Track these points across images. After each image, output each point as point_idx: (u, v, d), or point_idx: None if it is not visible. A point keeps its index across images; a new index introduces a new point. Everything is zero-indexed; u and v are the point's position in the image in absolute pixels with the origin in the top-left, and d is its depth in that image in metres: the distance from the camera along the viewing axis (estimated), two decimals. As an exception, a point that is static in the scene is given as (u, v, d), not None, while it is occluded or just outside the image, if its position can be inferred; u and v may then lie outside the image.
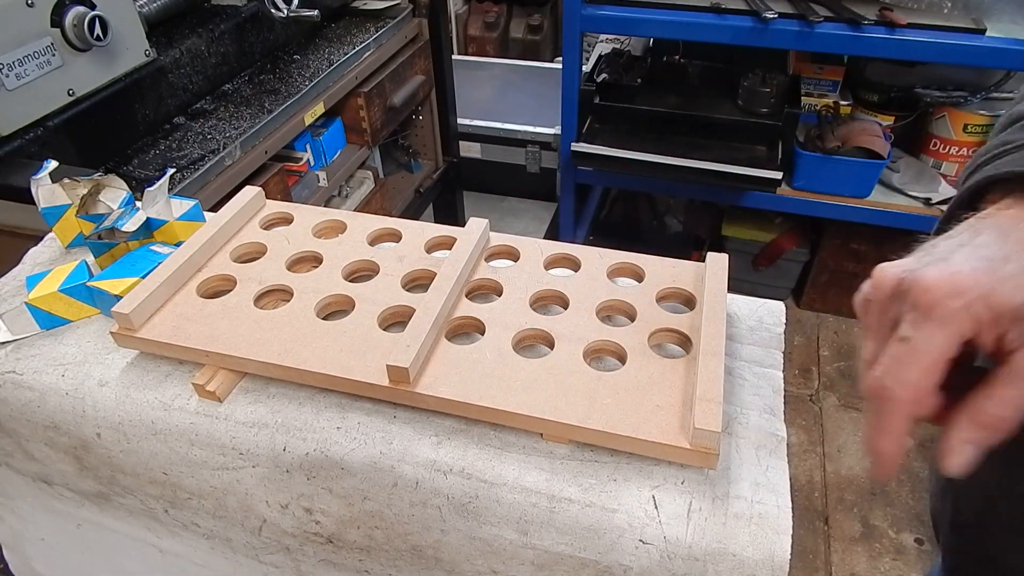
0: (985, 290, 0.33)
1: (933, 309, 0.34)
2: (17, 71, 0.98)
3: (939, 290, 0.33)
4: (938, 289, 0.33)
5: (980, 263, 0.34)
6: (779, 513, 0.47)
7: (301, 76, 1.46)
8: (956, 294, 0.33)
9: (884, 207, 1.82)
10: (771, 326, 0.62)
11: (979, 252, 0.34)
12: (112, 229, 0.65)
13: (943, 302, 0.33)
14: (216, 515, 0.61)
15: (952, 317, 0.33)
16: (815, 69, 1.92)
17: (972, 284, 0.33)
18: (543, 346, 0.58)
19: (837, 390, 1.98)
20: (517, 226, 2.50)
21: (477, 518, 0.51)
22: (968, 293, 0.33)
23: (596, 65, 2.03)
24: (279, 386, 0.58)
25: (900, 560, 1.58)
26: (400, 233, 0.69)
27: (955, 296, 0.33)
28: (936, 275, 0.34)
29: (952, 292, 0.33)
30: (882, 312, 0.37)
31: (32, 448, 0.63)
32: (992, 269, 0.33)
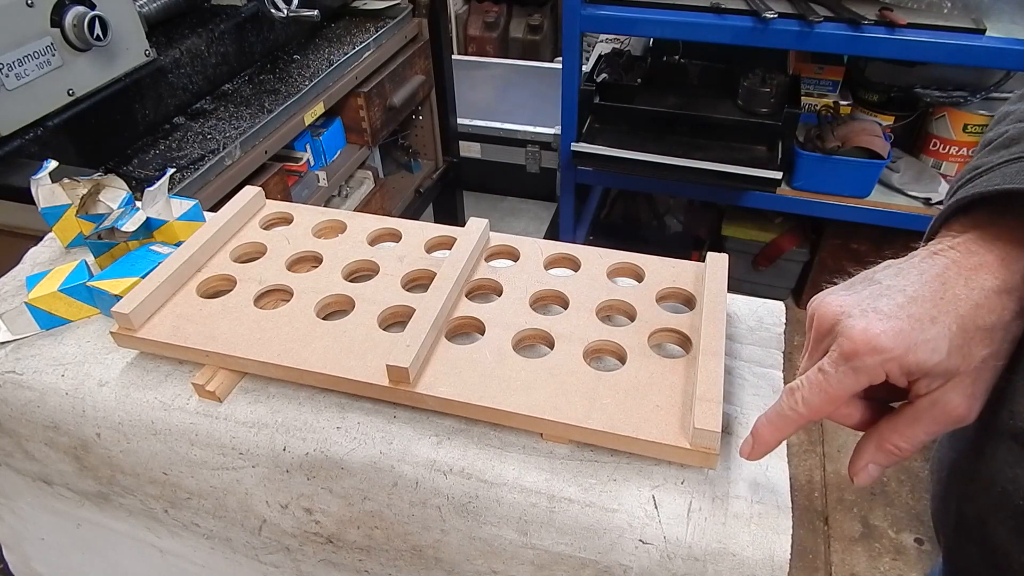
0: (900, 352, 0.37)
1: (851, 359, 0.38)
2: (17, 71, 0.98)
3: (861, 345, 0.37)
4: (861, 344, 0.37)
5: (905, 324, 0.37)
6: (779, 513, 0.47)
7: (301, 76, 1.46)
8: (874, 352, 0.37)
9: (884, 207, 1.82)
10: (771, 326, 0.62)
11: (909, 309, 0.37)
12: (112, 229, 0.65)
13: (861, 356, 0.37)
14: (216, 515, 0.61)
15: (865, 369, 0.37)
16: (815, 69, 1.92)
17: (891, 346, 0.37)
18: (543, 346, 0.58)
19: (837, 390, 1.98)
20: (517, 226, 2.50)
21: (477, 518, 0.51)
22: (885, 353, 0.37)
23: (596, 65, 2.03)
24: (279, 386, 0.58)
25: (900, 560, 1.58)
26: (400, 233, 0.69)
27: (873, 353, 0.37)
28: (861, 331, 0.37)
29: (871, 350, 0.37)
30: (817, 340, 0.41)
31: (32, 448, 0.63)
32: (915, 330, 0.37)
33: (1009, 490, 0.45)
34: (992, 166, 0.41)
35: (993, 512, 0.47)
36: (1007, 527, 0.46)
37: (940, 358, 0.37)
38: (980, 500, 0.49)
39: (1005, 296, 0.38)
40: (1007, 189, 0.38)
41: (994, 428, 0.47)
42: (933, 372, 0.37)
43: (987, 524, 0.48)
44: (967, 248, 0.39)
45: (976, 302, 0.37)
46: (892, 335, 0.37)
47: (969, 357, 0.37)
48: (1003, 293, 0.38)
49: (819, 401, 0.39)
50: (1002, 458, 0.46)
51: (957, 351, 0.37)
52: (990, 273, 0.38)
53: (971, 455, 0.50)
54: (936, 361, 0.37)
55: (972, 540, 0.51)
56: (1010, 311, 0.38)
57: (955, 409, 0.39)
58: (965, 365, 0.38)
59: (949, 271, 0.38)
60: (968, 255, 0.39)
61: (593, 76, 1.95)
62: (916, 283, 0.38)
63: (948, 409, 0.39)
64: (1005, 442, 0.46)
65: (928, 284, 0.38)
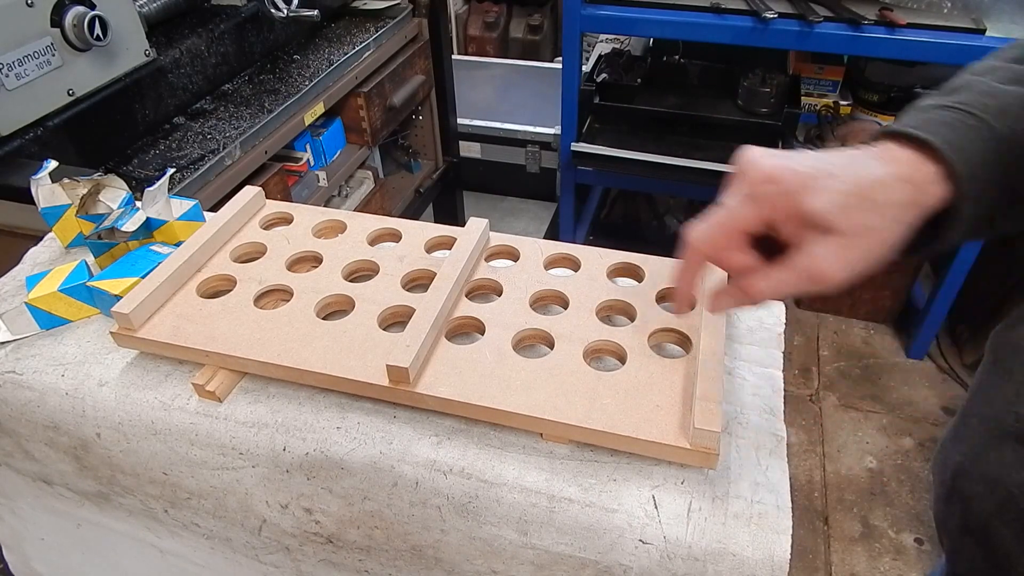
0: (795, 187, 0.40)
1: (751, 188, 0.41)
2: (17, 71, 0.98)
3: (762, 175, 0.41)
4: (762, 174, 0.41)
5: (808, 169, 0.40)
6: (779, 513, 0.47)
7: (301, 76, 1.46)
8: (771, 182, 0.40)
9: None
10: (771, 326, 0.62)
11: (818, 163, 0.41)
12: (112, 229, 0.65)
13: (760, 185, 0.41)
14: (216, 515, 0.61)
15: (761, 198, 0.41)
16: (815, 69, 1.92)
17: (787, 179, 0.40)
18: (543, 346, 0.58)
19: (837, 390, 1.98)
20: (517, 226, 2.50)
21: (477, 518, 0.51)
22: (781, 184, 0.40)
23: (596, 65, 2.03)
24: (279, 386, 0.58)
25: (900, 560, 1.58)
26: (400, 233, 0.69)
27: (770, 183, 0.40)
28: (764, 165, 0.41)
29: (768, 180, 0.41)
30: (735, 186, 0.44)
31: (32, 448, 0.63)
32: (813, 176, 0.40)
33: (1015, 493, 0.45)
34: (922, 107, 0.44)
35: (998, 515, 0.47)
36: (1012, 530, 0.46)
37: (826, 206, 0.39)
38: (985, 503, 0.49)
39: (906, 185, 0.40)
40: (908, 132, 0.41)
41: (999, 431, 0.47)
42: (816, 221, 0.40)
43: (991, 527, 0.48)
44: (886, 147, 0.42)
45: (877, 178, 0.40)
46: (791, 172, 0.40)
47: (851, 220, 0.39)
48: (904, 182, 0.40)
49: (716, 232, 0.43)
50: (1007, 461, 0.46)
51: (843, 209, 0.39)
52: (896, 166, 0.41)
53: (976, 458, 0.50)
54: (820, 207, 0.39)
55: (976, 543, 0.51)
56: (905, 197, 0.40)
57: (822, 265, 0.40)
58: (846, 225, 0.39)
59: (864, 155, 0.42)
60: (885, 151, 0.42)
61: (593, 76, 1.95)
62: (832, 154, 0.42)
63: (817, 263, 0.40)
64: (1010, 445, 0.46)
65: (841, 156, 0.42)
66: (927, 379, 2.01)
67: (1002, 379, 0.50)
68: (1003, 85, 0.43)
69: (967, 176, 0.40)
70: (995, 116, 0.41)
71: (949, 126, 0.41)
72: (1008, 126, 0.41)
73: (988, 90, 0.42)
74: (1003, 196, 0.42)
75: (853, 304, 2.18)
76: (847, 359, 2.08)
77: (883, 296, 2.13)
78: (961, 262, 1.81)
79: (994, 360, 0.52)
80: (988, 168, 0.41)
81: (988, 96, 0.42)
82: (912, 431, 1.86)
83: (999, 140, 0.41)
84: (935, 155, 0.40)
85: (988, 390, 0.51)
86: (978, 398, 0.53)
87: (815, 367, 2.06)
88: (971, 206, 0.41)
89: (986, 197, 0.41)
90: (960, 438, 0.53)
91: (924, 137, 0.40)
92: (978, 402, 0.52)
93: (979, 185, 0.41)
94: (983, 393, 0.52)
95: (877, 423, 1.88)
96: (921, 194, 0.40)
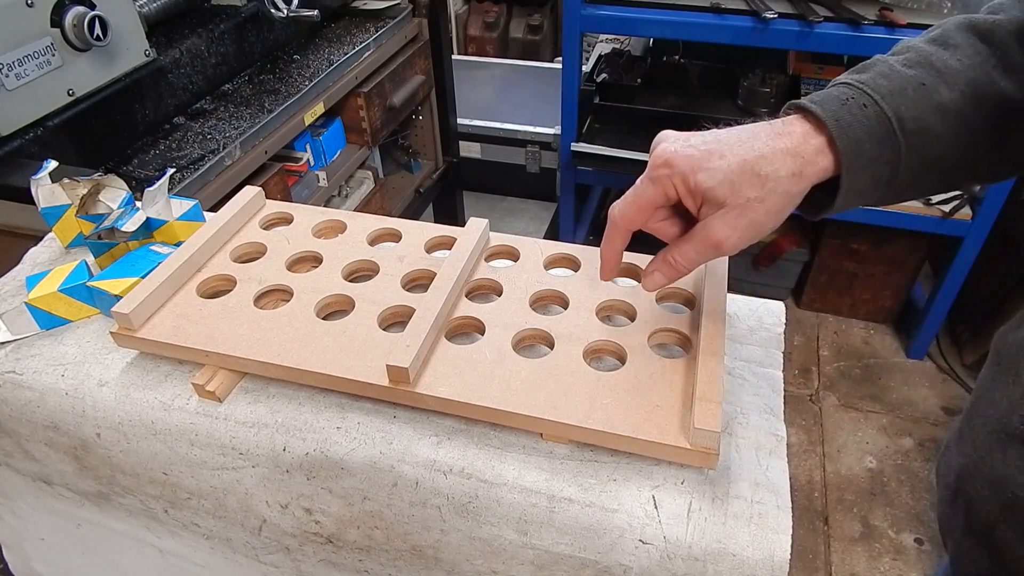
0: (686, 170, 0.45)
1: (651, 171, 0.47)
2: (17, 71, 0.98)
3: (659, 159, 0.46)
4: (659, 159, 0.46)
5: (698, 152, 0.45)
6: (779, 513, 0.47)
7: (301, 76, 1.46)
8: (666, 166, 0.46)
9: (883, 207, 1.82)
10: (771, 326, 0.62)
11: (710, 145, 0.46)
12: (112, 229, 0.65)
13: (658, 168, 0.46)
14: (216, 515, 0.61)
15: (659, 180, 0.46)
16: (815, 69, 1.92)
17: (679, 163, 0.45)
18: (543, 346, 0.58)
19: (837, 390, 1.98)
20: (517, 226, 2.50)
21: (477, 518, 0.51)
22: (674, 168, 0.45)
23: (596, 65, 2.03)
24: (279, 386, 0.58)
25: (900, 560, 1.58)
26: (400, 233, 0.69)
27: (665, 167, 0.46)
28: (662, 149, 0.46)
29: (664, 164, 0.46)
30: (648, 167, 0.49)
31: (32, 448, 0.63)
32: (703, 158, 0.45)
33: (1020, 496, 0.45)
34: (833, 82, 0.48)
35: (1003, 517, 0.47)
36: (1017, 533, 0.46)
37: (713, 183, 0.44)
38: (989, 505, 0.48)
39: (789, 157, 0.44)
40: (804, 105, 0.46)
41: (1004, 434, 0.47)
42: (708, 196, 0.45)
43: (997, 529, 0.48)
44: (788, 121, 0.46)
45: (761, 153, 0.45)
46: (682, 156, 0.45)
47: (737, 193, 0.44)
48: (788, 154, 0.45)
49: (629, 209, 0.48)
50: (1012, 464, 0.46)
51: (728, 184, 0.44)
52: (788, 139, 0.45)
53: (980, 461, 0.49)
54: (709, 185, 0.45)
55: (981, 545, 0.50)
56: (788, 169, 0.44)
57: (717, 235, 0.46)
58: (732, 199, 0.45)
59: (762, 130, 0.46)
60: (784, 125, 0.46)
61: (593, 76, 1.95)
62: (731, 132, 0.47)
63: (712, 234, 0.46)
64: (1015, 447, 0.46)
65: (738, 134, 0.46)
66: (927, 379, 2.01)
67: (1006, 381, 0.49)
68: (904, 68, 0.46)
69: (848, 150, 0.44)
70: (886, 96, 0.45)
71: (842, 103, 0.45)
72: (894, 106, 0.44)
73: (888, 71, 0.46)
74: (891, 171, 0.45)
75: (853, 304, 2.18)
76: (847, 359, 2.08)
77: (883, 296, 2.13)
78: (961, 262, 1.81)
79: (998, 362, 0.52)
80: (873, 144, 0.44)
81: (885, 77, 0.46)
82: (912, 431, 1.86)
83: (885, 119, 0.44)
84: (824, 129, 0.44)
85: (992, 392, 0.51)
86: (982, 400, 0.52)
87: (815, 367, 2.06)
88: (853, 177, 0.45)
89: (870, 170, 0.45)
90: (964, 440, 0.53)
91: (815, 111, 0.45)
92: (982, 404, 0.52)
93: (862, 159, 0.44)
94: (987, 395, 0.52)
95: (877, 423, 1.88)
96: (807, 165, 0.44)
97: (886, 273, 2.07)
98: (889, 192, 0.47)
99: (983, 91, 0.45)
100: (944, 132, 0.45)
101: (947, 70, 0.45)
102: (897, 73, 0.46)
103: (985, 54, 0.46)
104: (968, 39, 0.47)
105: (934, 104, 0.45)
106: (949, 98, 0.45)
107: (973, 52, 0.46)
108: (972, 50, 0.46)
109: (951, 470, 0.54)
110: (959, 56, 0.46)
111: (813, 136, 0.45)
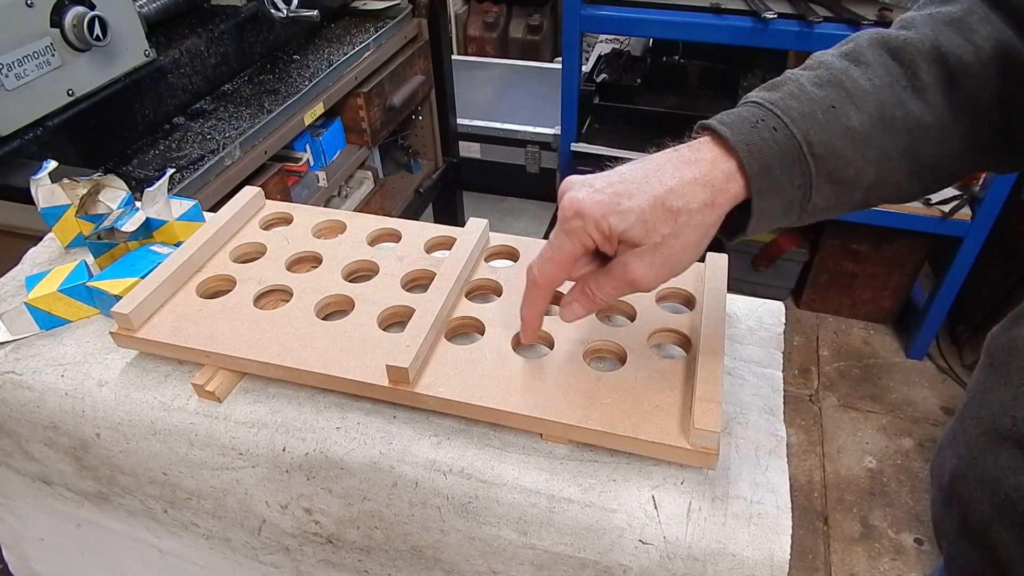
0: (598, 217, 0.44)
1: (563, 223, 0.46)
2: (17, 71, 0.98)
3: (570, 211, 0.45)
4: (569, 210, 0.45)
5: (606, 196, 0.45)
6: (778, 513, 0.47)
7: (301, 76, 1.46)
8: (577, 216, 0.45)
9: (883, 207, 1.82)
10: (771, 326, 0.62)
11: (616, 186, 0.45)
12: (112, 229, 0.65)
13: (570, 220, 0.45)
14: (216, 515, 0.61)
15: (572, 232, 0.45)
16: (815, 69, 1.92)
17: (590, 210, 0.44)
18: (543, 346, 0.58)
19: (836, 390, 1.98)
20: (517, 226, 2.50)
21: (477, 518, 0.51)
22: (586, 218, 0.45)
23: (596, 65, 2.03)
24: (279, 386, 0.58)
25: (899, 560, 1.58)
26: (400, 233, 0.69)
27: (577, 218, 0.45)
28: (570, 199, 0.45)
29: (576, 215, 0.45)
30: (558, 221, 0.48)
31: (32, 448, 0.63)
32: (612, 202, 0.44)
33: (1013, 497, 0.45)
34: (744, 100, 0.47)
35: (997, 519, 0.47)
36: (1012, 534, 0.46)
37: (627, 226, 0.44)
38: (983, 507, 0.48)
39: (699, 187, 0.44)
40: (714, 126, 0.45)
41: (996, 434, 0.47)
42: (624, 238, 0.45)
43: (991, 531, 0.48)
44: (697, 147, 0.46)
45: (671, 187, 0.44)
46: (591, 203, 0.44)
47: (651, 232, 0.44)
48: (698, 184, 0.44)
49: (548, 267, 0.47)
50: (1005, 464, 0.46)
51: (642, 224, 0.44)
52: (697, 167, 0.44)
53: (973, 462, 0.49)
54: (623, 228, 0.44)
55: (975, 547, 0.50)
56: (702, 200, 0.44)
57: (634, 272, 0.45)
58: (647, 239, 0.44)
59: (669, 162, 0.45)
60: (692, 151, 0.45)
61: (593, 76, 1.95)
62: (636, 168, 0.46)
63: (629, 271, 0.45)
64: (1008, 448, 0.46)
65: (644, 169, 0.46)
66: (927, 379, 2.01)
67: (998, 382, 0.49)
68: (814, 87, 0.45)
69: (758, 175, 0.43)
70: (796, 120, 0.44)
71: (752, 125, 0.44)
72: (803, 130, 0.44)
73: (798, 92, 0.45)
74: (803, 194, 0.45)
75: (853, 304, 2.18)
76: (847, 359, 2.08)
77: (883, 296, 2.13)
78: (961, 262, 1.82)
79: (990, 362, 0.52)
80: (783, 168, 0.44)
81: (795, 99, 0.45)
82: (912, 431, 1.86)
83: (795, 143, 0.43)
84: (734, 153, 0.44)
85: (984, 393, 0.51)
86: (974, 401, 0.52)
87: (815, 367, 2.06)
88: (764, 202, 0.44)
89: (781, 194, 0.44)
90: (957, 441, 0.53)
91: (726, 135, 0.44)
92: (974, 405, 0.52)
93: (772, 183, 0.44)
94: (979, 396, 0.52)
95: (877, 423, 1.88)
96: (719, 194, 0.44)
97: (886, 273, 2.07)
98: (804, 214, 0.47)
99: (892, 113, 0.45)
100: (853, 156, 0.44)
101: (857, 91, 0.45)
102: (807, 94, 0.45)
103: (895, 73, 0.45)
104: (879, 56, 0.46)
105: (843, 128, 0.44)
106: (858, 121, 0.44)
107: (884, 71, 0.46)
108: (883, 69, 0.46)
109: (945, 471, 0.54)
110: (869, 75, 0.45)
111: (723, 161, 0.44)
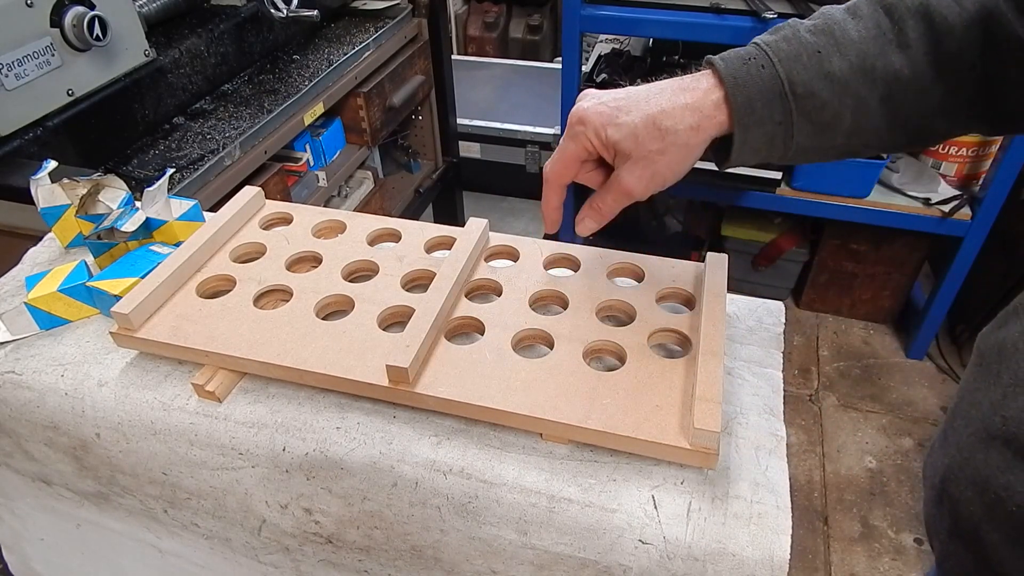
0: (597, 126, 0.50)
1: (569, 128, 0.52)
2: (16, 71, 0.98)
3: (575, 118, 0.52)
4: (575, 117, 0.52)
5: (609, 108, 0.50)
6: (778, 513, 0.47)
7: (301, 76, 1.46)
8: (581, 123, 0.51)
9: (883, 207, 1.82)
10: (770, 326, 0.62)
11: (620, 102, 0.50)
12: (111, 229, 0.65)
13: (575, 126, 0.52)
14: (215, 515, 0.61)
15: (576, 136, 0.52)
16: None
17: (592, 119, 0.50)
18: (543, 346, 0.58)
19: (836, 390, 1.98)
20: (517, 226, 2.51)
21: (477, 518, 0.51)
22: (587, 125, 0.51)
23: (596, 65, 2.03)
24: (279, 386, 0.58)
25: (899, 560, 1.58)
26: (400, 233, 0.69)
27: (580, 124, 0.51)
28: (577, 108, 0.51)
29: (579, 121, 0.51)
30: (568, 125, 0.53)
31: (31, 448, 0.63)
32: (612, 114, 0.50)
33: (1002, 496, 0.45)
34: (750, 42, 0.51)
35: (987, 519, 0.47)
36: (1001, 533, 0.46)
37: (620, 137, 0.49)
38: (973, 506, 0.48)
39: (689, 112, 0.49)
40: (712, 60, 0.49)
41: (986, 434, 0.47)
42: (617, 148, 0.50)
43: (981, 530, 0.48)
44: (698, 77, 0.50)
45: (664, 109, 0.49)
46: (594, 113, 0.50)
47: (641, 146, 0.49)
48: (688, 109, 0.49)
49: (557, 165, 0.54)
50: (994, 464, 0.46)
51: (633, 138, 0.49)
52: (692, 94, 0.49)
53: (964, 461, 0.49)
54: (617, 139, 0.50)
55: (966, 547, 0.50)
56: (687, 123, 0.49)
57: (626, 184, 0.51)
58: (637, 151, 0.49)
59: (670, 87, 0.50)
60: (693, 80, 0.50)
61: (593, 76, 1.95)
62: (642, 89, 0.51)
63: (622, 183, 0.51)
64: (998, 448, 0.46)
65: (647, 90, 0.50)
66: (927, 379, 2.01)
67: (988, 381, 0.49)
68: (807, 34, 0.49)
69: (740, 107, 0.48)
70: (783, 60, 0.48)
71: (744, 61, 0.48)
72: (787, 70, 0.47)
73: (791, 36, 0.49)
74: (784, 131, 0.49)
75: (853, 304, 2.18)
76: (847, 359, 2.08)
77: (883, 296, 2.13)
78: (961, 262, 1.81)
79: (980, 362, 0.52)
80: (765, 103, 0.48)
81: (787, 41, 0.49)
82: (912, 431, 1.86)
83: (779, 81, 0.47)
84: (724, 84, 0.48)
85: (974, 393, 0.51)
86: (965, 401, 0.52)
87: (815, 367, 2.06)
88: (745, 133, 0.48)
89: (762, 129, 0.48)
90: (948, 441, 0.53)
91: (720, 67, 0.48)
92: (965, 405, 0.52)
93: (753, 116, 0.48)
94: (969, 396, 0.52)
95: (877, 423, 1.88)
96: (705, 119, 0.48)
97: (886, 273, 2.07)
98: (788, 152, 0.50)
99: (872, 63, 0.48)
100: (830, 98, 0.48)
101: (844, 40, 0.48)
102: (799, 39, 0.48)
103: (884, 27, 0.48)
104: (874, 11, 0.49)
105: (824, 72, 0.47)
106: (839, 67, 0.47)
107: (874, 24, 0.49)
108: (873, 22, 0.49)
109: (936, 471, 0.54)
110: (859, 27, 0.48)
111: (714, 91, 0.48)
